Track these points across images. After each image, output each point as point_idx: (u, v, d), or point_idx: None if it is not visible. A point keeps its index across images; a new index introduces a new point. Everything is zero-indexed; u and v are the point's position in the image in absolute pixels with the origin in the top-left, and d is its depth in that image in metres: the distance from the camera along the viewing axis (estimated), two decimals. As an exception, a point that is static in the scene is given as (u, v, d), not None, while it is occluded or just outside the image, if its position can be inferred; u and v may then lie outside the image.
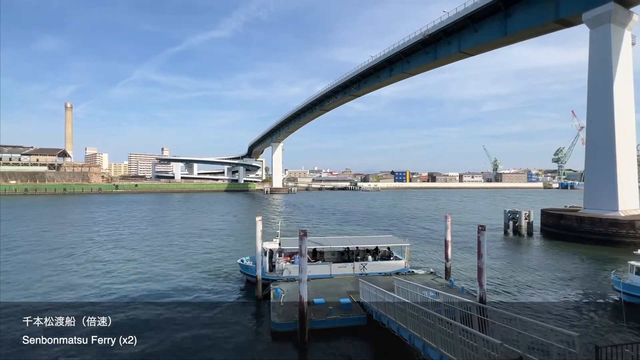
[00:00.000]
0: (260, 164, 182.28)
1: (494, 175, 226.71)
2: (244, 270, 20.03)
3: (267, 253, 19.17)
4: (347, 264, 19.68)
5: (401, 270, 19.82)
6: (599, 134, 33.74)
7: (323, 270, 19.17)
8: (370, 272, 19.39)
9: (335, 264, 19.58)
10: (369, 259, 20.08)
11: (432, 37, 52.09)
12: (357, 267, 19.35)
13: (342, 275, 18.85)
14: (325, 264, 19.68)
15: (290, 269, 18.78)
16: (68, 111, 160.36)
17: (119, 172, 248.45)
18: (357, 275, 18.93)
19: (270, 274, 18.98)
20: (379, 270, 19.58)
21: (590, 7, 33.38)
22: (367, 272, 19.32)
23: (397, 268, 19.80)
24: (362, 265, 19.50)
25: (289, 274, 18.62)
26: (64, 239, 33.69)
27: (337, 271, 19.21)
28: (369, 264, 19.73)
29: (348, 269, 19.37)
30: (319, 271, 18.94)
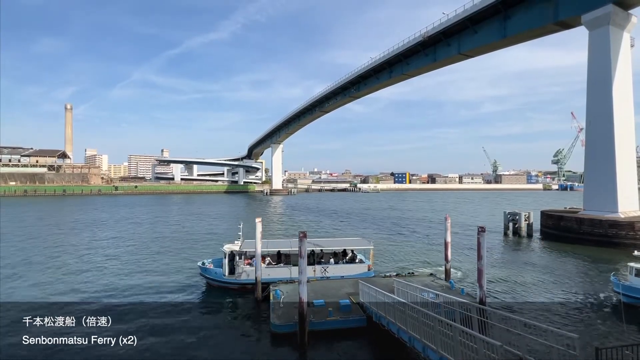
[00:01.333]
0: (260, 166, 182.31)
1: (494, 177, 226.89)
2: (203, 273, 19.46)
3: (227, 255, 18.71)
4: (308, 267, 18.92)
5: (365, 274, 19.20)
6: (598, 136, 33.79)
7: (282, 273, 18.67)
8: (331, 275, 18.95)
9: (295, 267, 18.78)
10: (331, 261, 19.60)
11: (431, 39, 52.23)
12: (319, 271, 18.85)
13: None
14: (285, 267, 19.13)
15: (248, 272, 18.31)
16: (68, 112, 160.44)
17: (118, 173, 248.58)
18: (317, 278, 18.65)
19: (230, 277, 18.55)
20: (341, 274, 19.05)
21: (589, 9, 33.49)
22: (328, 276, 18.89)
23: (360, 271, 19.22)
24: (324, 269, 19.01)
25: (247, 277, 18.17)
26: (63, 240, 33.66)
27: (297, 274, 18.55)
28: (331, 267, 19.27)
29: (309, 272, 18.42)
30: (277, 274, 18.52)
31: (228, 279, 18.53)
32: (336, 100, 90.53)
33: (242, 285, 18.39)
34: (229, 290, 18.47)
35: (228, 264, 18.76)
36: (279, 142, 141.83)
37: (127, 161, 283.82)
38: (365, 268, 19.64)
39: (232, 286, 18.52)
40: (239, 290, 18.37)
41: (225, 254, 18.81)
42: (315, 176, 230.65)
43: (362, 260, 20.39)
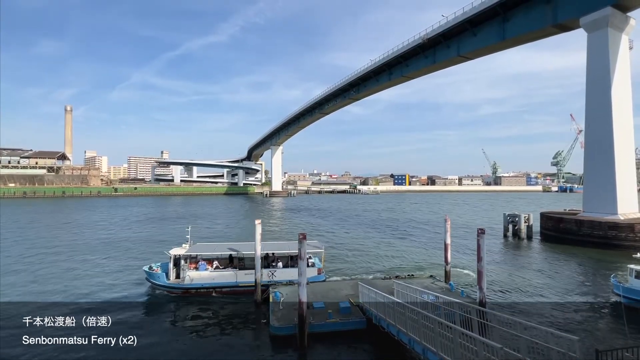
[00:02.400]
0: (259, 167, 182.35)
1: (493, 179, 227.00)
2: (148, 277, 18.81)
3: (172, 259, 18.21)
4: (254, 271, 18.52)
5: (315, 278, 18.69)
6: (597, 137, 33.86)
7: (227, 277, 18.21)
8: (279, 279, 18.60)
9: (242, 271, 18.50)
10: (279, 265, 19.23)
11: (431, 41, 52.40)
12: (266, 275, 18.32)
13: (249, 283, 17.87)
14: (231, 270, 18.63)
15: (192, 277, 17.91)
16: (68, 114, 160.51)
17: (118, 175, 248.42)
18: (264, 282, 18.03)
19: (175, 281, 18.02)
20: (289, 278, 18.59)
21: (588, 11, 33.64)
22: (276, 280, 18.52)
23: (309, 275, 18.30)
24: (271, 273, 18.64)
25: (190, 282, 17.76)
26: (63, 241, 33.59)
27: (243, 278, 18.19)
28: (279, 271, 18.86)
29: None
30: (222, 279, 18.06)
31: (171, 283, 17.95)
32: (336, 102, 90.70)
33: (186, 290, 17.87)
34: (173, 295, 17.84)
35: (174, 268, 18.24)
36: (278, 144, 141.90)
37: (127, 163, 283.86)
38: (315, 272, 19.11)
39: (175, 291, 17.95)
40: (182, 295, 17.80)
41: (170, 257, 18.29)
42: (315, 178, 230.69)
43: (314, 264, 19.82)
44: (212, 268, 18.83)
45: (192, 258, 19.09)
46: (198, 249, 19.66)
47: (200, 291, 17.92)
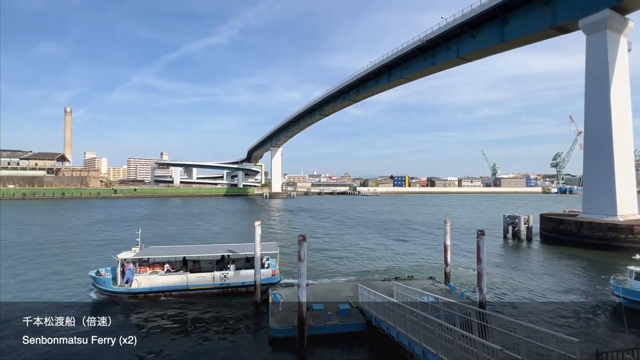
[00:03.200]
0: (259, 169, 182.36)
1: (493, 180, 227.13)
2: (94, 283, 18.08)
3: (120, 263, 17.75)
4: (207, 273, 18.35)
5: (269, 279, 18.43)
6: (596, 139, 33.92)
7: (177, 281, 17.75)
8: (232, 282, 18.21)
9: (193, 274, 18.20)
10: (231, 267, 18.80)
11: (430, 43, 52.54)
12: (218, 277, 18.11)
13: (200, 286, 17.67)
14: (182, 274, 18.17)
15: (140, 281, 17.40)
16: (67, 116, 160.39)
17: (117, 176, 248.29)
18: (216, 285, 17.85)
19: (120, 286, 17.49)
20: (242, 280, 18.27)
21: (587, 14, 33.76)
22: (228, 283, 18.15)
23: (263, 277, 18.21)
24: (223, 275, 18.25)
25: (137, 287, 17.30)
26: (62, 241, 33.52)
27: (194, 281, 17.88)
28: (231, 273, 18.46)
29: (207, 279, 18.08)
30: (171, 282, 17.62)
31: (117, 288, 17.37)
32: (335, 104, 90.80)
33: (133, 295, 17.35)
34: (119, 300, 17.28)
35: (121, 273, 17.80)
36: (278, 146, 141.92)
37: (127, 164, 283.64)
38: (269, 273, 18.79)
39: (122, 296, 17.38)
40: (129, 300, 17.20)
41: (118, 261, 17.80)
42: (315, 179, 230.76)
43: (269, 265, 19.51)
44: (164, 271, 18.33)
45: (144, 261, 18.67)
46: (149, 252, 19.12)
47: (149, 295, 17.42)
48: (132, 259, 18.15)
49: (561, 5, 36.15)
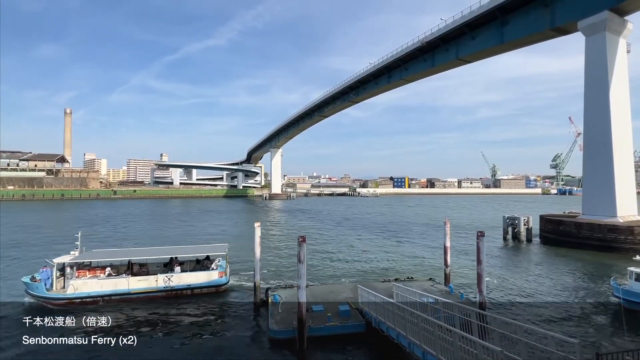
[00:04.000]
0: (259, 170, 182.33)
1: (493, 181, 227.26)
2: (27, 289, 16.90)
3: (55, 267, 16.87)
4: (150, 277, 17.73)
5: (215, 281, 18.07)
6: (596, 140, 33.95)
7: (116, 285, 17.10)
8: (176, 285, 17.73)
9: (135, 277, 17.57)
10: (176, 270, 18.35)
11: (429, 45, 52.63)
12: (161, 280, 17.58)
13: (142, 290, 17.17)
14: (122, 277, 17.51)
15: (76, 286, 16.64)
16: (67, 117, 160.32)
17: (117, 177, 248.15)
18: (160, 288, 17.27)
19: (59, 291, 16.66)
20: (188, 283, 17.82)
21: (586, 15, 33.84)
22: (173, 286, 17.61)
23: (210, 280, 17.95)
24: (167, 278, 17.72)
25: (74, 292, 16.53)
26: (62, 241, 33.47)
27: (136, 285, 17.25)
28: (176, 276, 17.95)
29: (150, 283, 17.49)
30: (110, 287, 16.96)
31: (50, 294, 16.42)
32: (335, 105, 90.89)
33: (69, 301, 16.46)
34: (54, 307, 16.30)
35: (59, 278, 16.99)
36: (278, 147, 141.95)
37: (126, 165, 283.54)
38: (216, 275, 18.47)
39: (57, 302, 16.39)
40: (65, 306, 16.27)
41: (54, 266, 16.88)
42: (315, 180, 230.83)
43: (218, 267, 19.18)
44: (105, 275, 17.73)
45: (85, 265, 18.12)
46: (90, 255, 18.50)
47: (86, 301, 16.65)
48: (69, 262, 17.29)
49: (560, 6, 36.25)
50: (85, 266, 18.25)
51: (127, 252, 20.40)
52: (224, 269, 19.21)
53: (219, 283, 18.45)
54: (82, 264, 18.12)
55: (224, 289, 18.90)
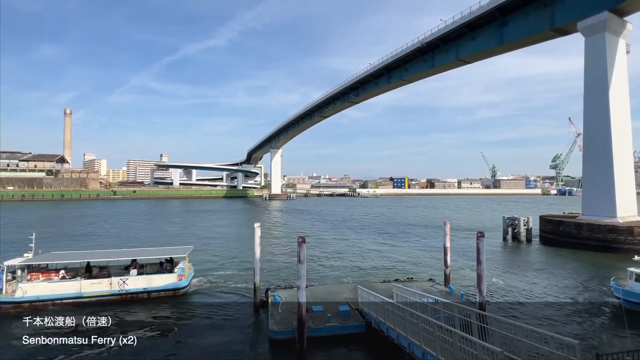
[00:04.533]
0: (259, 170, 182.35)
1: (493, 182, 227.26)
2: None
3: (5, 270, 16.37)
4: (103, 280, 17.20)
5: (174, 284, 17.58)
6: (596, 141, 33.97)
7: (68, 288, 16.59)
8: (132, 288, 17.13)
9: (88, 281, 17.04)
10: (131, 273, 17.77)
11: (429, 45, 52.68)
12: (115, 283, 17.06)
13: (95, 293, 16.68)
14: (75, 280, 17.00)
15: (25, 289, 16.14)
16: (67, 117, 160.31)
17: (117, 178, 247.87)
18: (114, 292, 16.79)
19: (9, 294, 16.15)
20: (144, 286, 17.25)
21: (585, 16, 33.89)
22: (128, 290, 17.07)
23: (167, 283, 17.43)
24: (122, 281, 17.16)
25: (22, 295, 16.06)
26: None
27: (89, 288, 16.72)
28: (131, 279, 17.34)
29: (104, 286, 16.98)
30: (61, 290, 16.47)
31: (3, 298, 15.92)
32: (335, 106, 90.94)
33: (17, 304, 15.97)
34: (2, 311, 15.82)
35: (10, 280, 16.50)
36: (278, 147, 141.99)
37: (126, 166, 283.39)
38: (175, 278, 17.94)
39: (4, 305, 15.91)
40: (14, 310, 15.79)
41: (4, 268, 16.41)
42: (314, 181, 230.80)
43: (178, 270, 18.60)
44: (59, 278, 17.27)
45: (42, 268, 17.73)
46: (44, 257, 17.88)
47: (36, 305, 16.16)
48: (20, 265, 16.76)
49: (560, 7, 36.30)
50: (41, 268, 17.68)
51: (86, 254, 19.65)
52: (183, 272, 18.52)
53: (177, 287, 17.80)
54: (36, 266, 17.49)
55: (184, 292, 18.26)
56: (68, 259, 18.50)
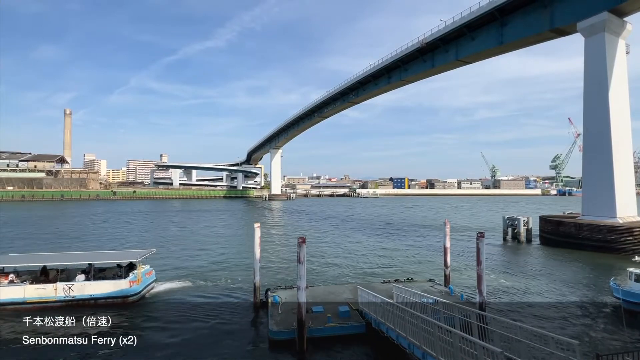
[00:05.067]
0: (259, 171, 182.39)
1: (492, 182, 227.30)
2: None
3: None
4: (48, 285, 16.41)
5: (121, 291, 16.71)
6: (595, 141, 33.98)
7: (10, 293, 15.94)
8: (78, 295, 16.29)
9: (32, 286, 16.36)
10: (78, 278, 16.85)
11: (429, 45, 52.71)
12: (61, 289, 16.27)
13: (38, 299, 16.03)
14: (19, 285, 16.37)
15: None
16: (67, 117, 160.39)
17: (117, 178, 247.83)
18: (59, 299, 16.12)
19: None
20: (92, 292, 16.44)
21: (585, 16, 33.90)
22: (74, 296, 16.24)
23: (116, 290, 16.60)
24: (68, 287, 16.35)
25: None
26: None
27: (32, 294, 16.06)
28: (78, 285, 16.48)
29: (48, 292, 16.22)
30: (3, 295, 15.88)
31: None
32: (335, 106, 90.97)
33: None
34: None
35: None
36: (278, 147, 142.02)
37: (126, 166, 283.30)
38: (125, 285, 16.98)
39: None
40: None
41: None
42: (314, 181, 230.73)
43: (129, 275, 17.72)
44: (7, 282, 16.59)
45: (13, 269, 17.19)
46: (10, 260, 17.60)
47: None
48: None
49: (559, 8, 36.32)
50: None
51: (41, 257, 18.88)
52: (135, 278, 17.47)
53: (125, 294, 16.80)
54: None
55: (134, 300, 17.19)
56: (21, 262, 17.67)
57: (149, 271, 19.17)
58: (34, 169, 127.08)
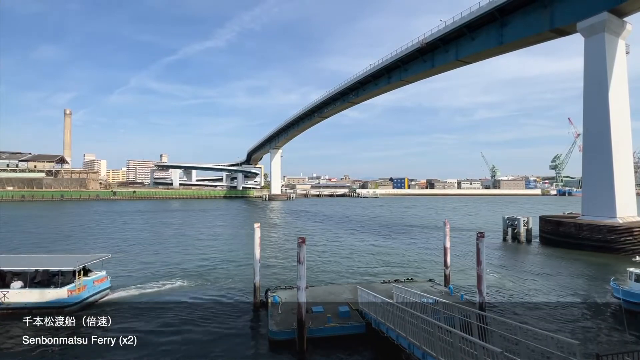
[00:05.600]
0: (259, 171, 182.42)
1: (492, 182, 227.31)
2: None
3: None
4: None
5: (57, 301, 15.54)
6: (595, 141, 33.98)
7: None
8: (12, 303, 15.39)
9: None
10: (12, 285, 15.88)
11: (429, 46, 52.72)
12: None
13: None
14: None
15: None
16: (67, 118, 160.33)
17: (117, 178, 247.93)
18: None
19: None
20: (27, 300, 15.48)
21: (585, 17, 33.91)
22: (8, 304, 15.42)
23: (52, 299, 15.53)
24: (3, 294, 15.47)
25: None
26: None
27: None
28: (13, 292, 15.59)
29: None
30: None
31: None
32: (335, 106, 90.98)
33: None
34: None
35: None
36: (277, 147, 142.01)
37: (126, 166, 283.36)
38: (64, 294, 15.78)
39: None
40: None
41: None
42: (314, 181, 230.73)
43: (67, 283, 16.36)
44: None
45: None
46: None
47: None
48: None
49: (559, 8, 36.32)
50: None
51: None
52: (74, 288, 16.11)
53: (62, 303, 15.56)
54: None
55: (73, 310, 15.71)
56: None
57: (101, 277, 17.79)
58: (34, 169, 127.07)
